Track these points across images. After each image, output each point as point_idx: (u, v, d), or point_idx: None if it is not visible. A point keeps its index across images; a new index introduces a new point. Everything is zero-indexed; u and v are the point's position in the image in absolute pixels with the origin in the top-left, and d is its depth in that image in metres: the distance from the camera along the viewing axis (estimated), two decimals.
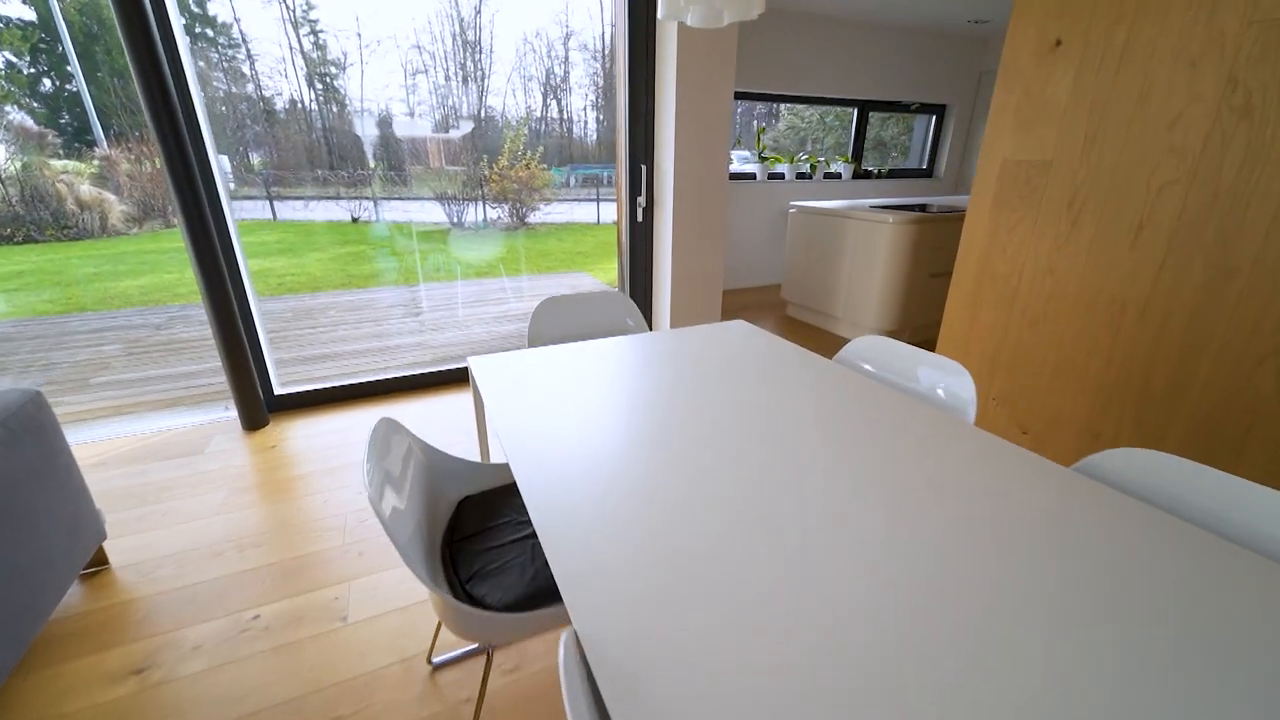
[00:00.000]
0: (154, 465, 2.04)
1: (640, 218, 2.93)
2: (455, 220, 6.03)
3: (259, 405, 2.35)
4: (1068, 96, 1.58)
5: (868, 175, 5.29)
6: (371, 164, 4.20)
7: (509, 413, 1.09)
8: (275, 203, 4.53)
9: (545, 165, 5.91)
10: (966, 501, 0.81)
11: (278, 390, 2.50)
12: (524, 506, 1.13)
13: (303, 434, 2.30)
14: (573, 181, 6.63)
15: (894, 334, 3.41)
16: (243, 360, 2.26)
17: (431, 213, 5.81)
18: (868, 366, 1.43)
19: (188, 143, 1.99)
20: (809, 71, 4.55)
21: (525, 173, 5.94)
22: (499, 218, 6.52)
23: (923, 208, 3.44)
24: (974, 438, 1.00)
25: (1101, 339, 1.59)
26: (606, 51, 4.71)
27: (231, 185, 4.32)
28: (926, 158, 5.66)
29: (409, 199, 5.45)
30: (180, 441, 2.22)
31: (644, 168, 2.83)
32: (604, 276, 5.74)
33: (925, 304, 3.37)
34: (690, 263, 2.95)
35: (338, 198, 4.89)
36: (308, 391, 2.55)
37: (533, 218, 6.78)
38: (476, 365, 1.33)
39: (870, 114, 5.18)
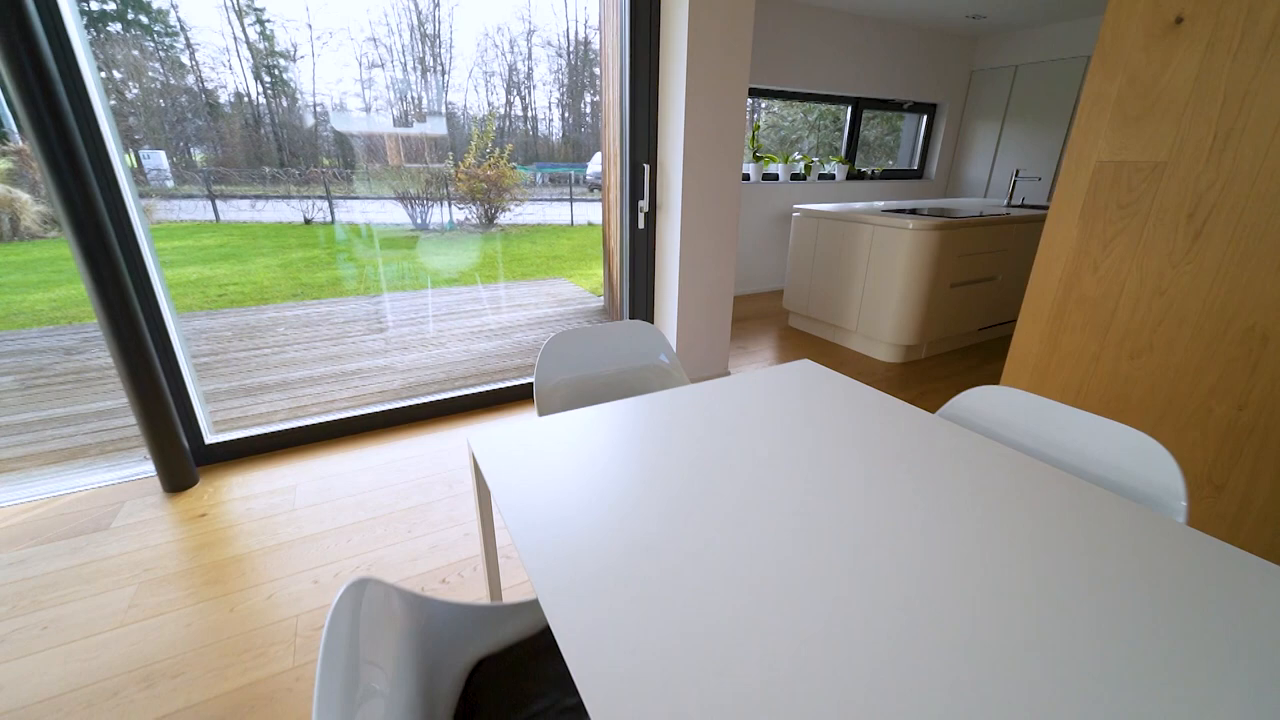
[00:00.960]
0: (38, 551, 1.57)
1: (641, 224, 2.57)
2: (420, 222, 5.56)
3: (183, 459, 1.88)
4: (1190, 86, 1.31)
5: (861, 176, 5.07)
6: (326, 161, 3.91)
7: (530, 515, 0.72)
8: (219, 202, 4.06)
9: (514, 164, 5.51)
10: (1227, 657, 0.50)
11: (209, 438, 2.04)
12: (565, 669, 0.77)
13: (241, 495, 1.85)
14: (539, 180, 6.31)
15: (912, 349, 3.16)
16: (157, 402, 1.80)
17: (393, 214, 5.34)
18: (996, 427, 1.11)
19: (76, 136, 1.52)
20: (800, 66, 4.29)
21: (494, 171, 5.53)
22: (467, 219, 6.08)
23: (942, 212, 3.20)
24: (1192, 546, 0.69)
25: (1233, 376, 1.33)
26: (572, 48, 4.64)
27: (169, 182, 3.76)
28: (918, 158, 5.49)
29: (368, 199, 5.02)
30: (79, 512, 1.74)
31: (646, 168, 2.48)
32: (585, 283, 5.36)
33: (946, 317, 3.13)
34: (699, 275, 2.61)
35: (288, 197, 4.47)
36: (248, 438, 2.09)
37: (503, 219, 6.35)
38: (479, 444, 0.95)
39: (863, 112, 4.96)
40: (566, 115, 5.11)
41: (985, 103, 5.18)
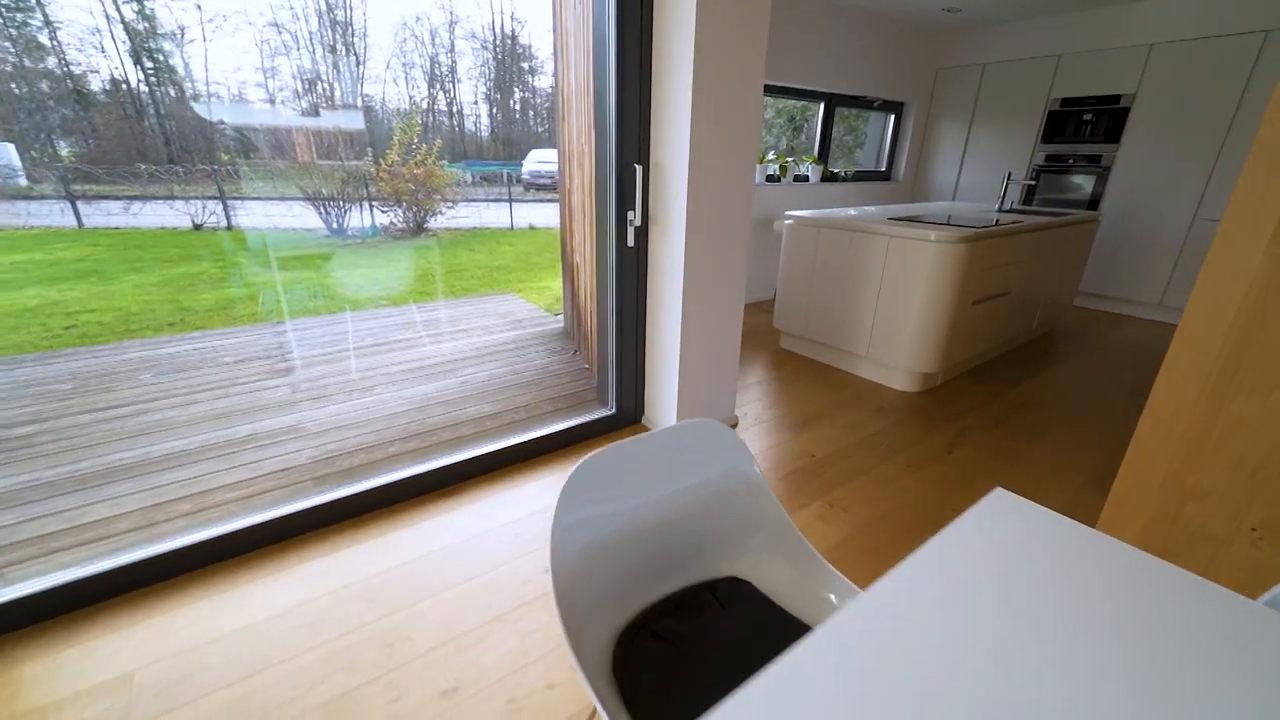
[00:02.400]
0: None
1: (632, 240, 2.01)
2: (336, 227, 4.73)
3: None
4: None
5: (835, 178, 4.74)
6: (225, 156, 3.39)
7: None
8: (82, 205, 3.37)
9: (443, 161, 4.82)
10: None
11: (1, 592, 1.29)
12: None
13: (25, 709, 1.14)
14: (471, 179, 5.64)
15: (929, 377, 2.80)
16: None
17: (304, 217, 4.50)
18: None
19: None
20: (773, 58, 3.86)
21: (421, 170, 4.79)
22: (393, 223, 5.30)
23: (953, 220, 2.85)
24: None
25: None
26: (498, 41, 4.36)
27: (23, 181, 2.90)
28: (885, 159, 5.25)
29: (273, 199, 4.21)
30: None
31: (638, 170, 1.92)
32: (537, 298, 4.71)
33: (967, 338, 2.79)
34: (706, 303, 2.08)
35: (174, 197, 3.60)
36: (56, 590, 1.35)
37: (435, 223, 5.61)
38: None
39: (836, 110, 4.62)
40: (495, 111, 4.77)
41: (952, 102, 5.00)
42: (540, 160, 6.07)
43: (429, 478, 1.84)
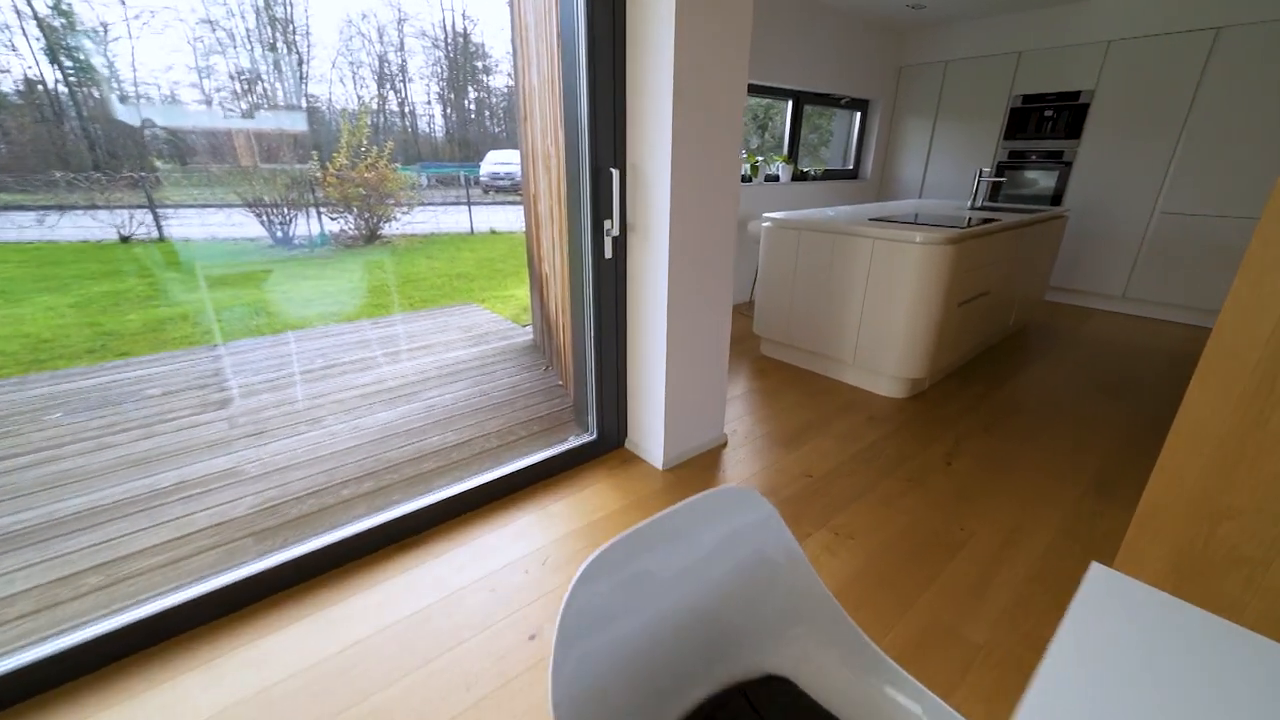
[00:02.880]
0: None
1: (609, 251, 1.83)
2: (281, 235, 4.39)
3: None
4: None
5: (805, 177, 4.67)
6: (159, 162, 3.16)
7: None
8: None
9: (396, 164, 4.56)
10: None
11: None
12: None
13: None
14: (426, 182, 5.23)
15: (917, 382, 2.72)
16: None
17: (246, 226, 4.17)
18: None
19: None
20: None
21: (373, 173, 4.51)
22: (343, 231, 4.98)
23: (930, 220, 2.77)
24: None
25: None
26: (449, 39, 4.24)
27: None
28: (853, 157, 5.22)
29: (210, 206, 3.90)
30: None
31: (614, 175, 1.74)
32: (503, 308, 4.47)
33: (952, 341, 2.72)
34: (693, 317, 1.92)
35: (94, 207, 3.27)
36: None
37: (389, 229, 5.30)
38: None
39: (804, 108, 4.55)
40: (450, 111, 4.63)
41: (916, 100, 5.00)
42: (499, 162, 5.80)
43: (389, 529, 1.62)
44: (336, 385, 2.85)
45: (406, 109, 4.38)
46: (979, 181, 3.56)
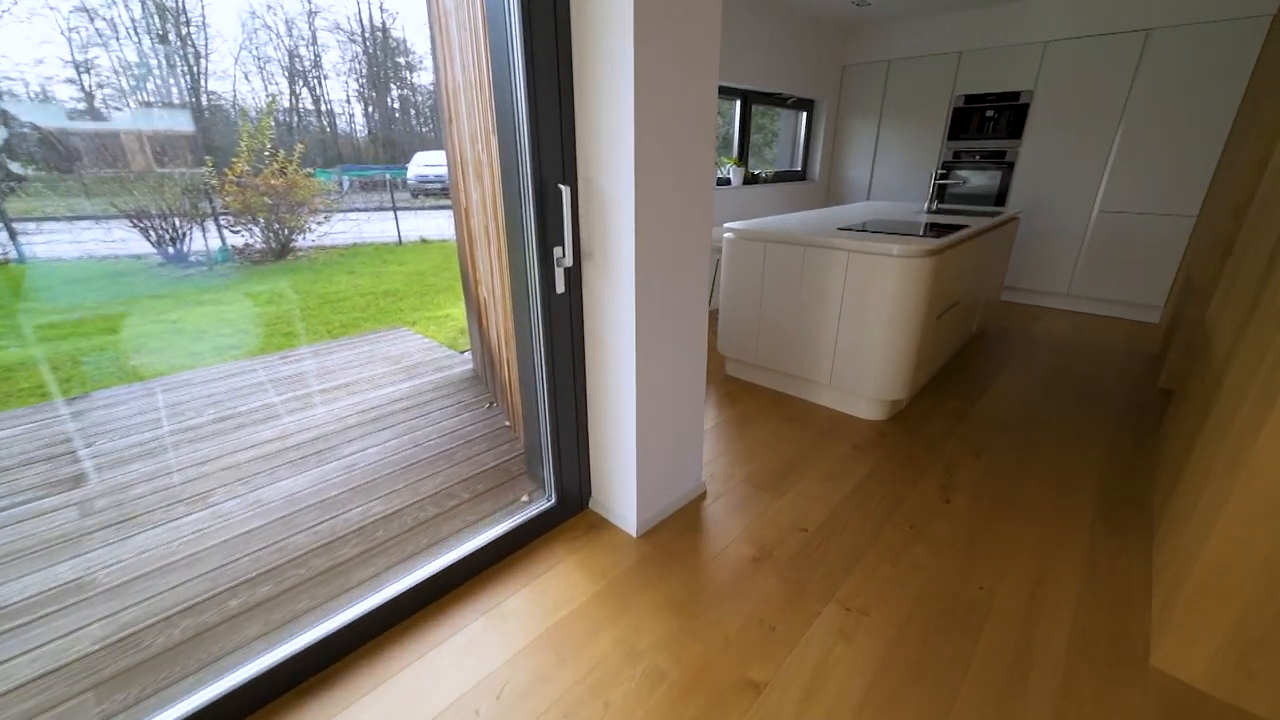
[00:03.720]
0: None
1: (561, 285, 1.50)
2: (172, 253, 3.77)
3: None
4: None
5: (755, 179, 4.48)
6: (21, 170, 2.63)
7: None
8: None
9: (309, 169, 4.03)
10: None
11: None
12: None
13: None
14: (347, 186, 4.71)
15: (896, 403, 2.54)
16: None
17: (129, 242, 3.57)
18: None
19: None
20: None
21: (280, 180, 3.96)
22: (248, 245, 4.37)
23: (901, 228, 2.60)
24: None
25: None
26: (367, 33, 3.87)
27: None
28: (800, 158, 5.09)
29: (82, 219, 3.32)
30: None
31: (565, 192, 1.41)
32: (438, 332, 4.01)
33: (930, 356, 2.57)
34: (665, 357, 1.62)
35: None
36: None
37: (304, 241, 4.71)
38: None
39: (753, 108, 4.35)
40: (372, 110, 4.19)
41: (861, 100, 4.93)
42: (428, 164, 5.29)
43: (285, 671, 1.22)
44: (230, 444, 2.35)
45: (324, 107, 3.91)
46: (934, 185, 3.47)
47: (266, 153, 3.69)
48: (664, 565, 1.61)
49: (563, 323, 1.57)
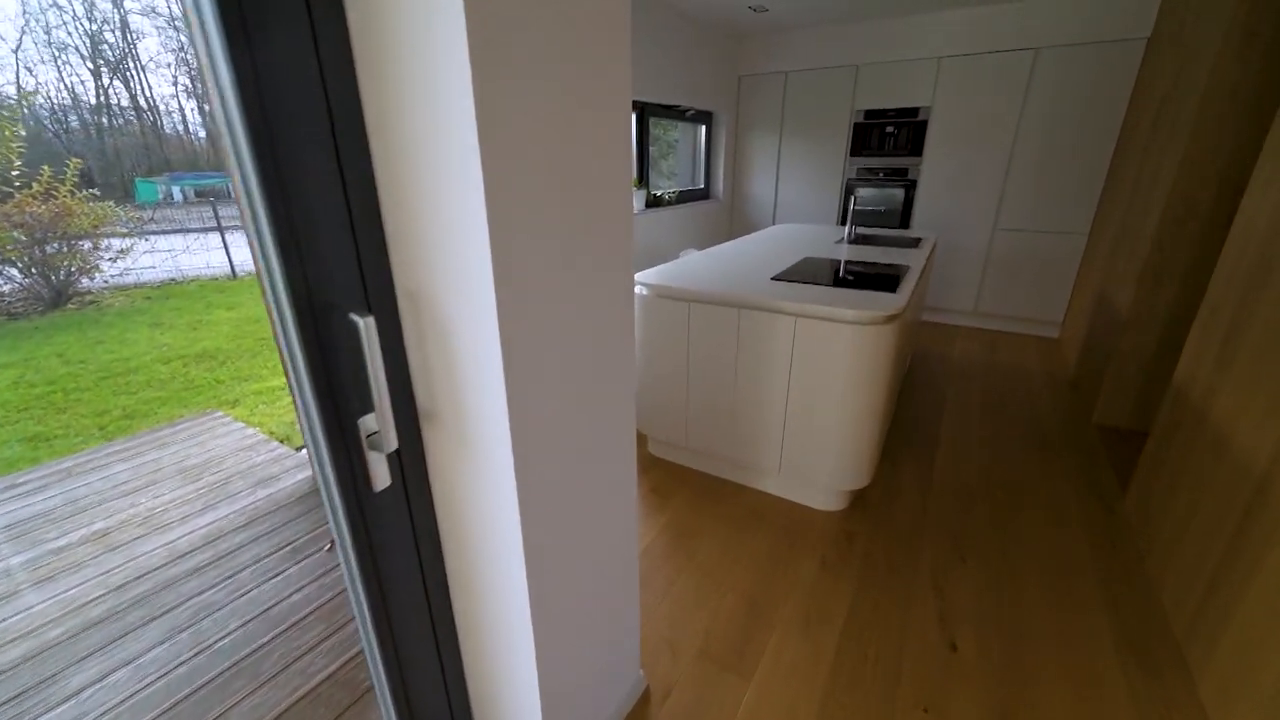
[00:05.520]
0: None
1: (382, 476, 0.83)
2: None
3: None
4: None
5: (659, 202, 3.98)
6: None
7: None
8: None
9: (94, 191, 3.02)
10: None
11: None
12: None
13: None
14: (180, 197, 3.64)
15: (863, 492, 2.13)
16: None
17: None
18: None
19: None
20: None
21: (45, 207, 2.95)
22: (7, 296, 3.29)
23: (845, 271, 2.19)
24: None
25: None
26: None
27: None
28: (702, 175, 4.68)
29: None
30: None
31: (364, 326, 0.75)
32: (268, 415, 3.05)
33: (887, 423, 2.19)
34: (571, 546, 1.02)
35: None
36: None
37: (93, 283, 3.62)
38: None
39: (649, 120, 3.85)
40: (207, 107, 3.38)
41: (759, 113, 4.62)
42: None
43: None
44: None
45: (147, 104, 3.07)
46: (852, 216, 3.17)
47: (14, 171, 2.62)
48: None
49: (394, 533, 0.91)
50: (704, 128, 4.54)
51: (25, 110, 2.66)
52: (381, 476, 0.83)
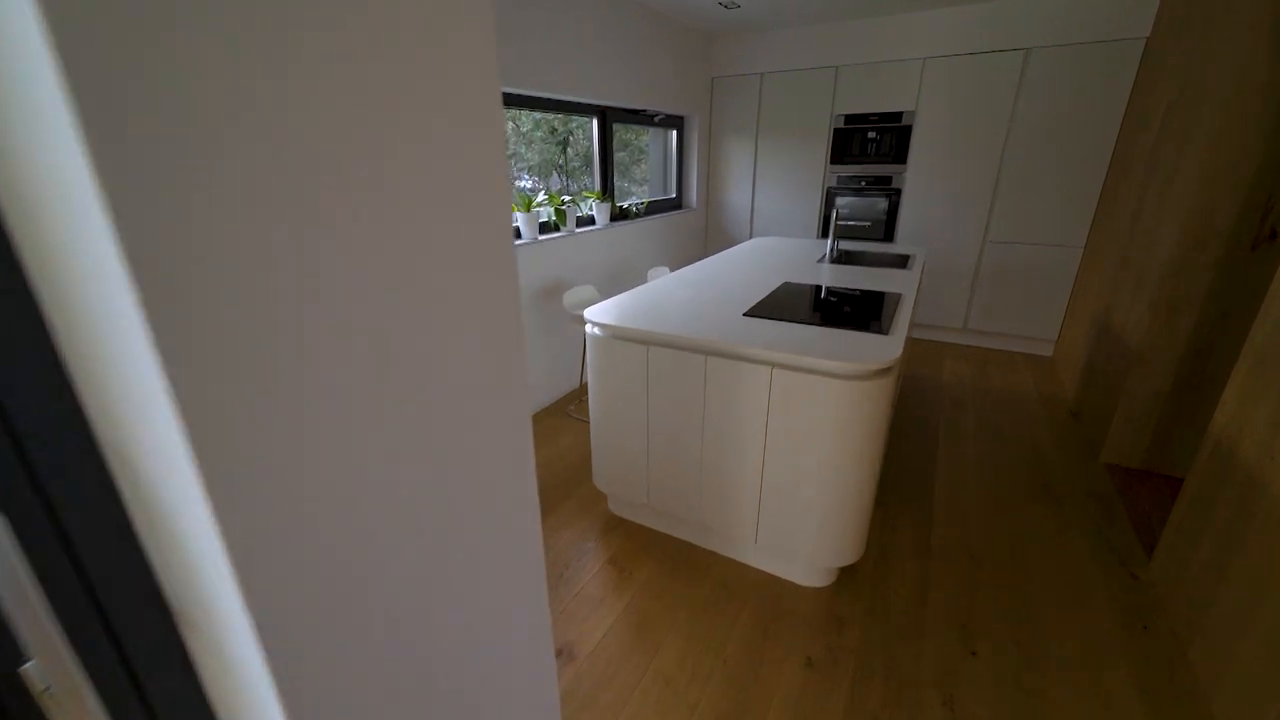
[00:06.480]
0: None
1: None
2: None
3: None
4: None
5: (625, 215, 3.67)
6: None
7: None
8: None
9: None
10: None
11: None
12: None
13: None
14: None
15: (854, 569, 1.83)
16: None
17: None
18: None
19: None
20: (529, 62, 2.59)
21: None
22: None
23: (833, 292, 1.89)
24: None
25: None
26: None
27: None
28: (674, 184, 4.38)
29: None
30: None
31: None
32: None
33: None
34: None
35: None
36: None
37: None
38: None
39: (613, 126, 3.53)
40: None
41: (734, 117, 4.34)
42: None
43: None
44: None
45: None
46: (834, 235, 2.90)
47: None
48: None
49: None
50: (675, 132, 4.23)
51: None
52: None
